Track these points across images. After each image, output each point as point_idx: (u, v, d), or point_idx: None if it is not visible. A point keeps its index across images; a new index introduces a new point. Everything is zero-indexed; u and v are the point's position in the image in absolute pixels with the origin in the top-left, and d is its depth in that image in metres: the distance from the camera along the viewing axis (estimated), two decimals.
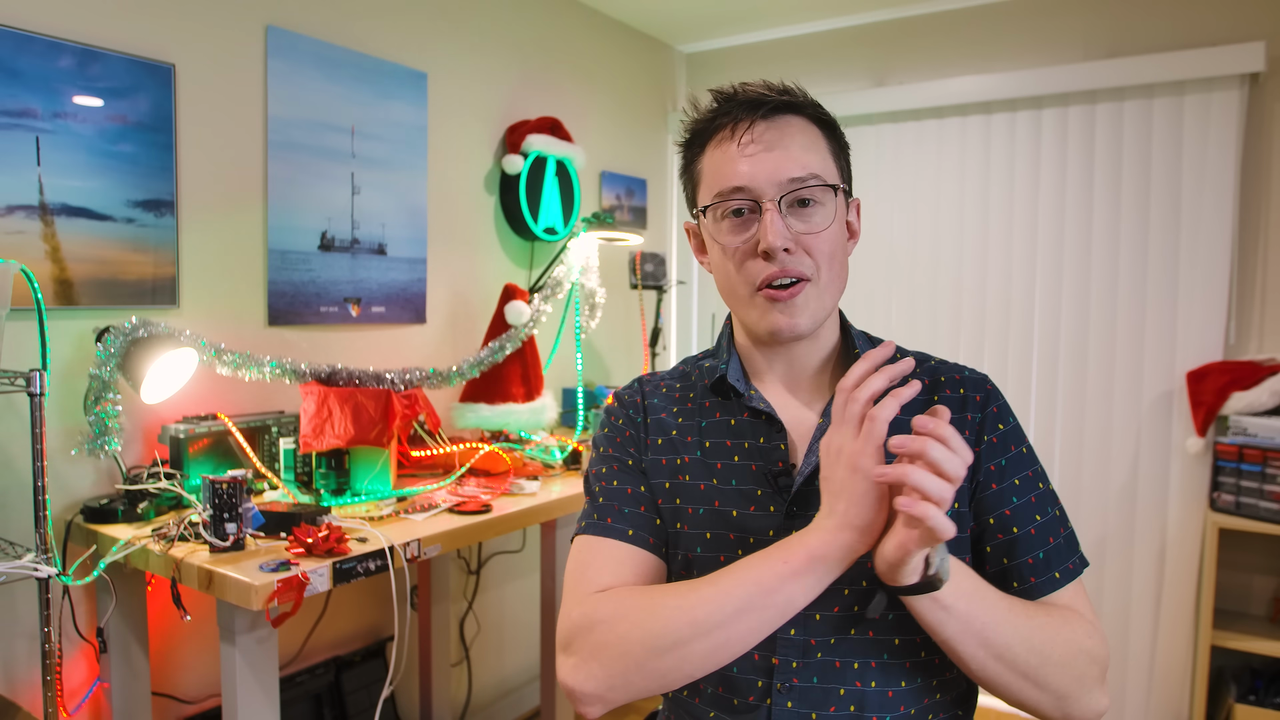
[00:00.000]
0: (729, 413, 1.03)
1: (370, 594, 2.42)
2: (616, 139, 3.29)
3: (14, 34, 1.64)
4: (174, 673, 1.98)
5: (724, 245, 0.97)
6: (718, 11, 3.17)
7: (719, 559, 0.97)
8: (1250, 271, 2.62)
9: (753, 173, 0.93)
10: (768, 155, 0.94)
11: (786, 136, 0.95)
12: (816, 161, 0.95)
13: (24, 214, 1.66)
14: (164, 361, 1.73)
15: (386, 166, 2.38)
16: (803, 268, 0.94)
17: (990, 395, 1.00)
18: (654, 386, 1.11)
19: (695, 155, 1.01)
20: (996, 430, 0.98)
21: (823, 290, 0.96)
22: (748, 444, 1.00)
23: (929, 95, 3.00)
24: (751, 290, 0.96)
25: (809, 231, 0.94)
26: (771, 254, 0.93)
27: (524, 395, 2.43)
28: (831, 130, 1.00)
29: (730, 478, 0.99)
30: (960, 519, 0.95)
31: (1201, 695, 2.45)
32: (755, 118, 0.95)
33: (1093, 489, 2.82)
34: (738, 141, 0.95)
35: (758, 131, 0.95)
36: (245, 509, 1.52)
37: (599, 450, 1.09)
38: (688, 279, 3.63)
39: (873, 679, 0.93)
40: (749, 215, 0.95)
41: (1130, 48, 2.74)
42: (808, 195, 0.94)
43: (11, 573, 1.44)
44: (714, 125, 0.98)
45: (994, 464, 0.97)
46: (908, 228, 3.09)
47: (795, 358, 1.02)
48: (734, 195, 0.95)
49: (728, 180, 0.95)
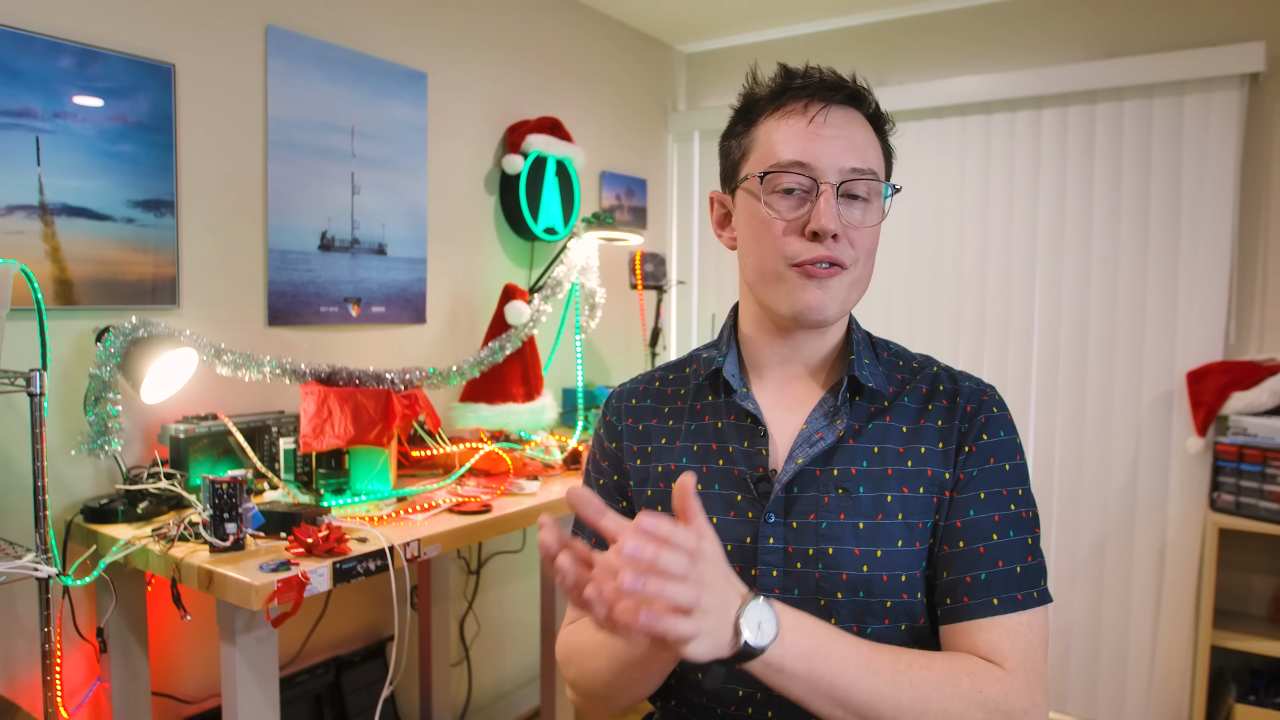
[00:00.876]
0: (717, 415, 1.03)
1: (370, 594, 2.42)
2: (616, 139, 3.29)
3: (14, 34, 1.64)
4: (174, 673, 1.98)
5: (772, 215, 0.94)
6: (718, 11, 3.17)
7: None
8: (1250, 271, 2.62)
9: (818, 153, 0.93)
10: (836, 140, 0.93)
11: (852, 127, 0.95)
12: (875, 159, 0.96)
13: (24, 214, 1.66)
14: (164, 361, 1.73)
15: (386, 166, 2.38)
16: (845, 255, 0.94)
17: (983, 406, 0.98)
18: (648, 386, 1.11)
19: (750, 124, 0.99)
20: (979, 440, 0.95)
21: (855, 283, 0.96)
22: (732, 448, 1.00)
23: (929, 95, 3.01)
24: (785, 266, 0.94)
25: (858, 225, 0.94)
26: (822, 236, 0.92)
27: (524, 395, 2.43)
28: (885, 135, 1.00)
29: (714, 482, 1.00)
30: (917, 532, 0.93)
31: (1201, 695, 2.45)
32: (832, 101, 0.95)
33: (1093, 489, 2.82)
34: (809, 119, 0.94)
35: (832, 115, 0.94)
36: (245, 509, 1.52)
37: (589, 456, 1.15)
38: (688, 279, 3.62)
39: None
40: (801, 194, 0.94)
41: (1130, 48, 2.74)
42: (865, 189, 0.94)
43: (11, 573, 1.44)
44: (781, 99, 0.97)
45: (964, 473, 0.94)
46: (908, 227, 3.09)
47: (800, 350, 1.01)
48: (792, 169, 0.93)
49: (791, 154, 0.93)
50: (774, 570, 0.94)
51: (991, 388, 1.01)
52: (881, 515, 0.93)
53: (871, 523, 0.93)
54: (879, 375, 1.00)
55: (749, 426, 1.00)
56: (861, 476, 0.94)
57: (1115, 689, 2.80)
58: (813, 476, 0.95)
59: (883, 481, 0.94)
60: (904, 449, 0.96)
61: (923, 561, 0.93)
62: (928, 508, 0.93)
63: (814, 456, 0.95)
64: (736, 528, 0.96)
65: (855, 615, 0.92)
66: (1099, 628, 2.82)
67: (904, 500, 0.93)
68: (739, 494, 0.97)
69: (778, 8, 3.12)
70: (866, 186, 0.94)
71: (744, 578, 0.93)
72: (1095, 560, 2.81)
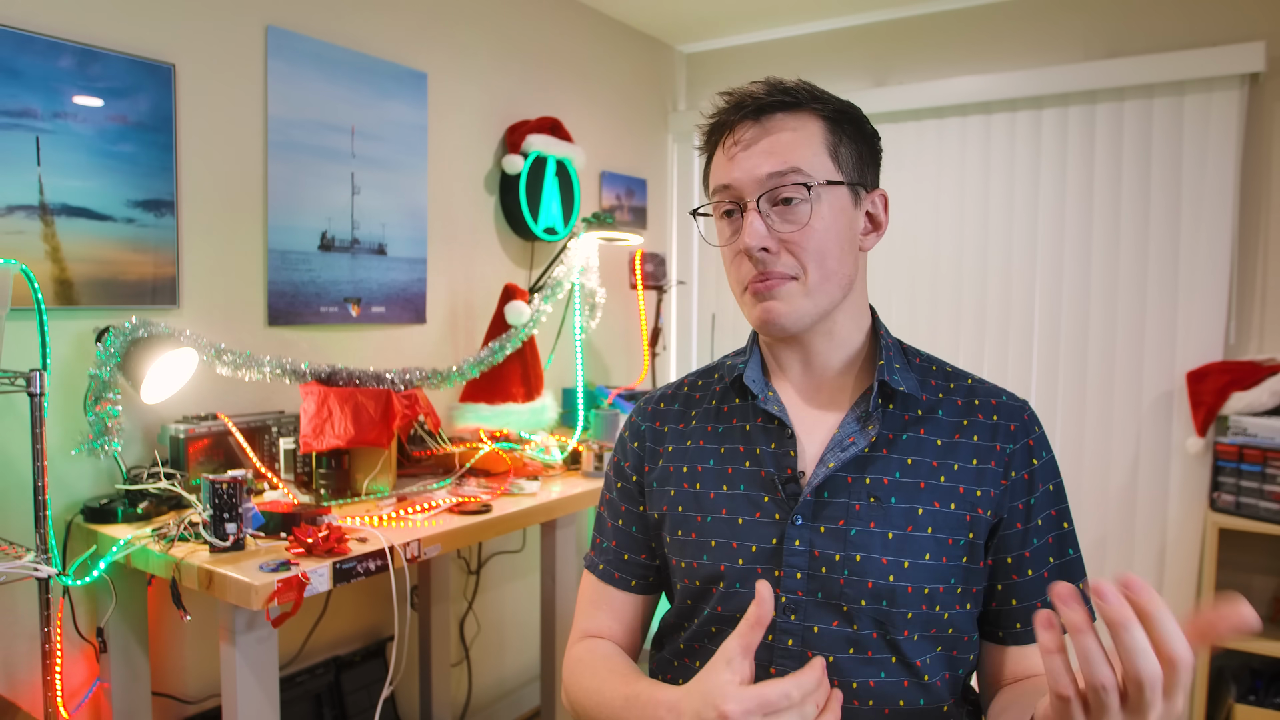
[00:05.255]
0: (744, 417, 1.03)
1: (370, 594, 2.42)
2: (616, 139, 3.29)
3: (14, 34, 1.64)
4: (174, 673, 1.98)
5: (721, 244, 0.99)
6: (718, 11, 3.17)
7: (719, 567, 0.97)
8: (1250, 271, 2.62)
9: (734, 172, 0.94)
10: (746, 154, 0.93)
11: (770, 134, 0.93)
12: (804, 157, 0.92)
13: (24, 214, 1.66)
14: (164, 361, 1.73)
15: (386, 166, 2.38)
16: (784, 268, 0.93)
17: (1026, 426, 0.98)
18: (677, 391, 1.13)
19: (708, 159, 1.02)
20: (1029, 465, 0.96)
21: (812, 289, 0.93)
22: (759, 450, 0.99)
23: (929, 95, 3.01)
24: (740, 288, 0.97)
25: (791, 230, 0.92)
26: (750, 255, 0.93)
27: (524, 395, 2.43)
28: (838, 123, 0.96)
29: (740, 483, 0.99)
30: (972, 550, 0.94)
31: (1201, 695, 2.45)
32: (741, 117, 0.95)
33: (1093, 489, 2.82)
34: (728, 143, 0.96)
35: (740, 131, 0.95)
36: (245, 509, 1.52)
37: (611, 462, 1.17)
38: (688, 279, 3.62)
39: (870, 698, 0.93)
40: (738, 216, 0.95)
41: (1130, 48, 2.74)
42: (788, 193, 0.92)
43: (11, 573, 1.44)
44: (715, 127, 0.99)
45: (1021, 502, 0.95)
46: (908, 227, 3.09)
47: (812, 356, 1.00)
48: (723, 196, 0.96)
49: (718, 180, 0.96)
50: (798, 573, 0.93)
51: (1026, 403, 1.01)
52: (911, 527, 0.92)
53: (901, 534, 0.92)
54: (911, 380, 0.99)
55: (775, 429, 0.99)
56: (894, 487, 0.94)
57: None
58: (844, 482, 0.94)
59: (915, 494, 0.94)
60: (938, 463, 0.95)
61: (951, 578, 0.92)
62: (960, 524, 0.93)
63: (845, 462, 0.94)
64: (762, 529, 0.96)
65: (875, 623, 0.92)
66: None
67: (934, 514, 0.93)
68: (766, 495, 0.97)
69: (778, 8, 3.12)
70: (793, 188, 0.92)
71: (768, 578, 0.94)
72: (1095, 560, 2.80)
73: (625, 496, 1.11)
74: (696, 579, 0.99)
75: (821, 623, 0.92)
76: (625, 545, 1.11)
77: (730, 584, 0.96)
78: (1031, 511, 0.95)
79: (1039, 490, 0.96)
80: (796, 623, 0.93)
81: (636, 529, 1.10)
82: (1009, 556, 0.95)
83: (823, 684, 0.79)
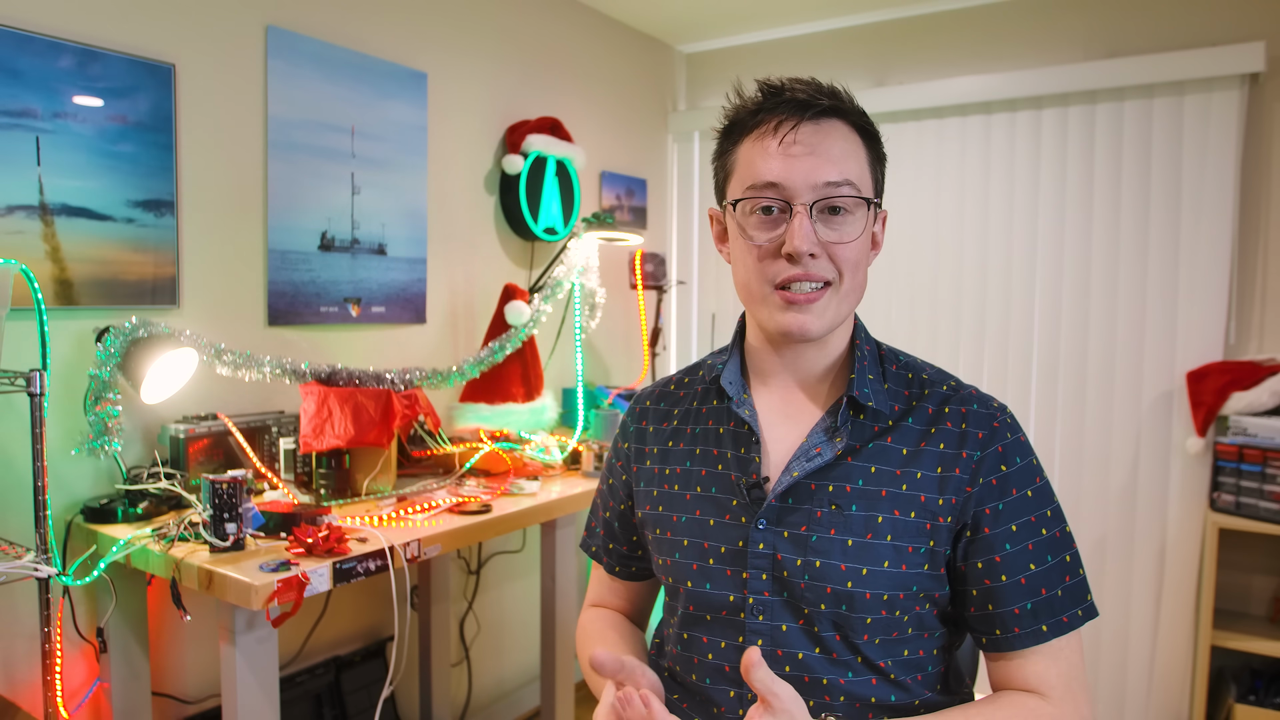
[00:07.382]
0: (719, 420, 1.05)
1: (370, 594, 2.42)
2: (616, 139, 3.29)
3: (14, 34, 1.63)
4: (174, 673, 1.98)
5: (749, 240, 0.95)
6: (718, 11, 3.17)
7: (691, 566, 0.99)
8: (1250, 271, 2.62)
9: (789, 173, 0.92)
10: (807, 158, 0.92)
11: (828, 141, 0.93)
12: (854, 170, 0.93)
13: (24, 214, 1.66)
14: (164, 361, 1.73)
15: (386, 166, 2.38)
16: (825, 272, 0.93)
17: (996, 433, 0.96)
18: (664, 389, 1.15)
19: (732, 144, 0.99)
20: (998, 471, 0.95)
21: (842, 297, 0.95)
22: (730, 454, 1.01)
23: (929, 95, 3.00)
24: (769, 288, 0.95)
25: (838, 241, 0.93)
26: (796, 258, 0.92)
27: (524, 395, 2.43)
28: (872, 141, 0.97)
29: (711, 485, 1.01)
30: (933, 558, 0.94)
31: (1201, 695, 2.45)
32: (802, 118, 0.93)
33: (1093, 489, 2.82)
34: (779, 139, 0.93)
35: (802, 133, 0.93)
36: (245, 509, 1.52)
37: (607, 458, 1.21)
38: (688, 279, 3.62)
39: (842, 695, 0.94)
40: (778, 214, 0.93)
41: (1130, 48, 2.73)
42: (840, 203, 0.93)
43: (11, 573, 1.44)
44: (756, 119, 0.96)
45: (989, 507, 0.94)
46: (907, 227, 3.09)
47: (801, 362, 1.01)
48: (766, 192, 0.93)
49: (762, 175, 0.93)
50: (763, 574, 0.95)
51: (1002, 409, 0.99)
52: (871, 535, 0.93)
53: (861, 541, 0.93)
54: (882, 394, 0.99)
55: (744, 434, 1.01)
56: (856, 495, 0.94)
57: (1115, 689, 2.80)
58: (807, 489, 0.95)
59: (876, 502, 0.94)
60: (900, 472, 0.95)
61: (913, 585, 0.93)
62: (919, 532, 0.93)
63: (810, 471, 0.95)
64: (730, 530, 0.98)
65: (835, 626, 0.93)
66: (1099, 627, 2.82)
67: (894, 523, 0.93)
68: (734, 499, 0.99)
69: (778, 8, 3.12)
70: (845, 199, 0.93)
71: (735, 580, 0.96)
72: (1095, 560, 2.80)
73: (614, 493, 1.17)
74: (670, 576, 1.02)
75: (789, 622, 0.94)
76: (610, 535, 1.18)
77: (700, 583, 0.98)
78: (1000, 517, 0.94)
79: (1011, 496, 0.94)
80: (765, 623, 0.95)
81: (619, 525, 1.16)
82: (979, 561, 0.94)
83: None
